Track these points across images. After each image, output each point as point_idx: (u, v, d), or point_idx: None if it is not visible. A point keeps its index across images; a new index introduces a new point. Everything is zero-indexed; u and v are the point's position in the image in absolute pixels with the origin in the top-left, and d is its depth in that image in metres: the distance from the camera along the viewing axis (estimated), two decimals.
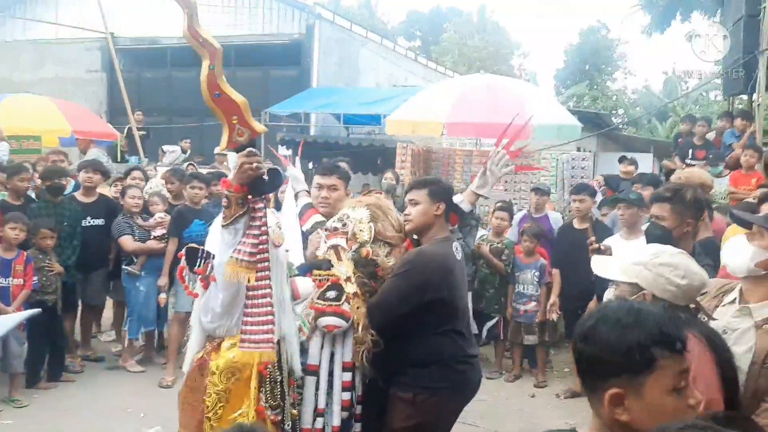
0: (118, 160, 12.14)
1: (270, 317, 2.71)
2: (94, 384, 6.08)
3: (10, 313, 5.24)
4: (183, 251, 2.83)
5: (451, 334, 3.22)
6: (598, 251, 2.88)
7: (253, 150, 2.58)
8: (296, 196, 3.91)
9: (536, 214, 7.11)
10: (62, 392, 5.86)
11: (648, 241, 3.53)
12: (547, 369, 6.71)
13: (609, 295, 2.49)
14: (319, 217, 3.53)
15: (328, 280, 3.19)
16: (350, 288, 3.10)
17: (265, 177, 2.60)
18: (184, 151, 13.62)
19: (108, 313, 7.51)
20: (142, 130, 13.75)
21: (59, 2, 18.29)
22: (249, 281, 2.65)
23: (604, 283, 3.84)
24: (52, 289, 5.76)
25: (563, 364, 6.84)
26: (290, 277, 3.12)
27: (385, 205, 3.41)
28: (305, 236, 3.53)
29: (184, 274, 2.81)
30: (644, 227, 4.44)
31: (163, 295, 6.33)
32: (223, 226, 2.62)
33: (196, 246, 2.81)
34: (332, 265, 3.17)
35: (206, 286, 2.80)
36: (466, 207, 3.66)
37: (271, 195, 2.84)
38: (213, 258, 2.74)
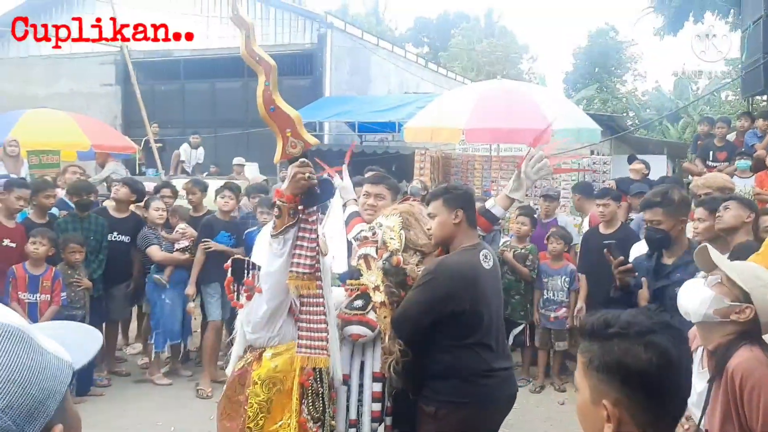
0: (137, 173, 12.18)
1: (324, 325, 2.72)
2: (123, 398, 6.08)
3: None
4: (229, 262, 2.83)
5: (474, 347, 3.10)
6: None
7: (306, 161, 2.60)
8: (345, 205, 3.90)
9: (546, 219, 7.09)
10: (91, 407, 5.85)
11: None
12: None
13: (699, 282, 2.42)
14: (364, 225, 3.52)
15: (358, 289, 3.18)
16: (378, 297, 3.09)
17: (317, 188, 2.61)
18: (194, 147, 13.64)
19: (134, 326, 7.54)
20: (158, 142, 13.82)
21: (72, 17, 18.41)
22: (310, 290, 2.66)
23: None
24: (80, 304, 5.78)
25: None
26: (335, 286, 3.13)
27: (418, 212, 3.37)
28: (350, 245, 3.52)
29: (231, 286, 2.82)
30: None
31: (191, 304, 6.34)
32: (272, 235, 2.62)
33: (242, 257, 2.82)
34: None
35: (250, 297, 2.80)
36: (498, 212, 3.61)
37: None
38: (259, 269, 2.75)
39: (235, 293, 2.87)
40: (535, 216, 7.14)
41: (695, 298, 2.37)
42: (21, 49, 18.97)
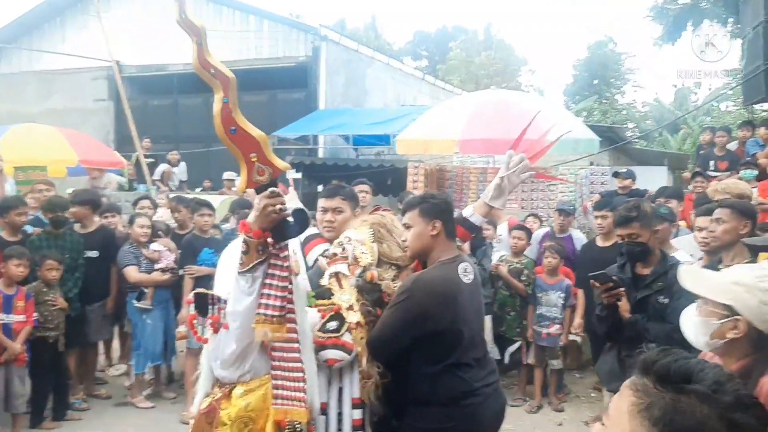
0: (126, 188, 11.96)
1: (300, 374, 2.44)
2: (101, 423, 5.83)
3: (16, 348, 5.16)
4: (191, 297, 2.56)
5: (454, 369, 2.91)
6: None
7: (276, 190, 2.28)
8: None
9: (560, 234, 6.81)
10: None
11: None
12: (574, 395, 6.40)
13: (690, 313, 2.19)
14: (324, 246, 3.27)
15: (331, 309, 2.93)
16: (352, 317, 2.84)
17: (290, 219, 2.31)
18: (173, 164, 13.37)
19: (117, 345, 7.28)
20: (151, 157, 13.62)
21: (65, 33, 18.36)
22: (281, 335, 2.37)
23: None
24: (54, 324, 5.53)
25: (590, 389, 6.51)
26: (309, 306, 2.87)
27: (390, 223, 3.12)
28: (309, 268, 3.27)
29: (194, 322, 2.54)
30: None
31: (182, 328, 6.07)
32: (239, 272, 2.35)
33: (206, 291, 2.55)
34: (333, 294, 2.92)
35: (216, 330, 2.53)
36: (477, 220, 3.38)
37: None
38: (224, 303, 2.48)
39: (200, 327, 2.60)
40: (549, 230, 6.91)
41: (689, 328, 2.18)
42: (13, 64, 18.89)
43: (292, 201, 3.74)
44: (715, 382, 1.13)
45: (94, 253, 6.26)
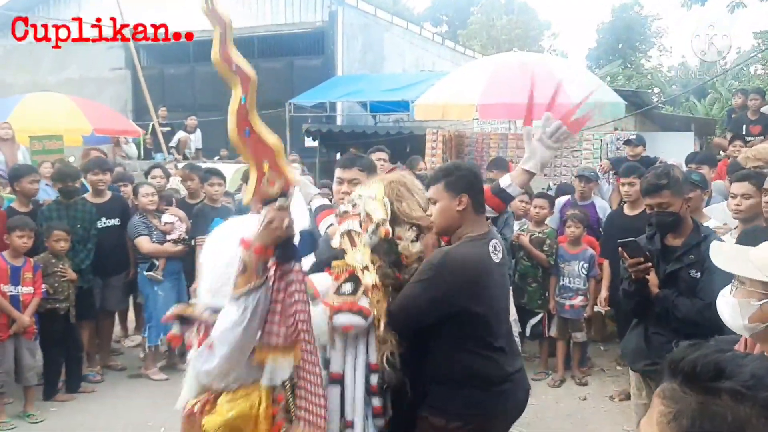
0: (142, 157, 11.87)
1: (320, 390, 2.26)
2: (114, 395, 5.77)
3: (25, 321, 5.09)
4: (172, 313, 2.37)
5: (487, 352, 2.74)
6: None
7: (284, 204, 2.07)
8: (309, 203, 3.47)
9: (582, 201, 6.55)
10: (80, 405, 5.57)
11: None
12: (598, 368, 6.21)
13: (725, 294, 1.97)
14: (334, 218, 3.08)
15: (345, 271, 2.73)
16: (368, 278, 2.61)
17: (296, 238, 2.11)
18: (191, 130, 13.20)
19: (132, 316, 7.23)
20: (167, 126, 13.48)
21: (81, 2, 18.17)
22: (295, 360, 2.20)
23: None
24: (64, 296, 5.43)
25: (614, 362, 6.31)
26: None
27: (411, 181, 2.90)
28: (320, 237, 3.10)
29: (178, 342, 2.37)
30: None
31: (194, 301, 5.96)
32: (232, 298, 2.13)
33: (187, 313, 2.37)
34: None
35: (200, 344, 2.34)
36: (514, 191, 3.11)
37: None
38: (210, 320, 2.27)
39: (186, 336, 2.41)
40: (571, 197, 6.66)
41: (726, 310, 1.95)
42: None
43: (304, 185, 3.56)
44: (753, 376, 0.91)
45: (116, 221, 6.16)
